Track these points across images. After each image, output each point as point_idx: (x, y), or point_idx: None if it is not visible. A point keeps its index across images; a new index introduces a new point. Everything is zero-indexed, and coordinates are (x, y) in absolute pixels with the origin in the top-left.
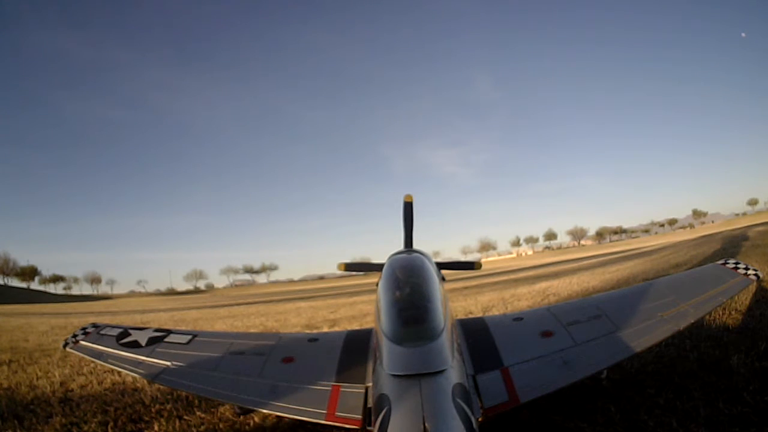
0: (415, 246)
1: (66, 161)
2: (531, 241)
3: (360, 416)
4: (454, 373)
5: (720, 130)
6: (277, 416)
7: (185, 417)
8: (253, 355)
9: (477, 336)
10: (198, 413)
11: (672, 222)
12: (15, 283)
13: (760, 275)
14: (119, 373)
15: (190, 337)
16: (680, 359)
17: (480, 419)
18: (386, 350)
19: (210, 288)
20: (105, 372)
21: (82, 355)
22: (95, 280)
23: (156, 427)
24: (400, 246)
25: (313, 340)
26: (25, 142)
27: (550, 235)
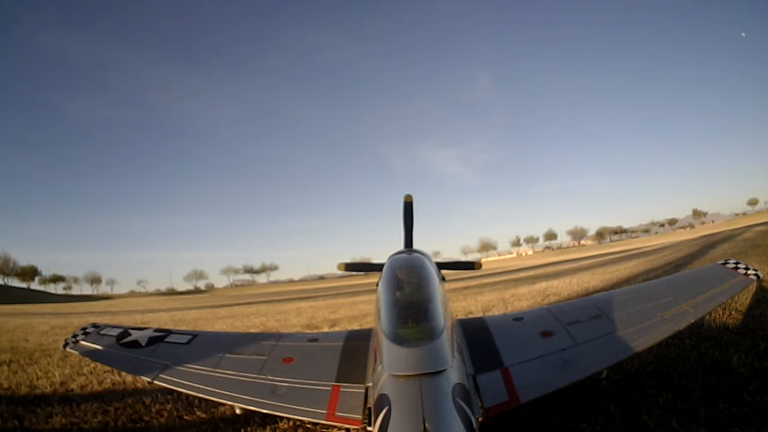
0: (415, 246)
1: (66, 161)
2: (531, 241)
3: (360, 416)
4: (454, 373)
5: (720, 130)
6: (277, 416)
7: (185, 417)
8: (253, 355)
9: (477, 336)
10: (198, 413)
11: (672, 222)
12: (15, 283)
13: (760, 275)
14: (119, 373)
15: (190, 337)
16: (680, 359)
17: (480, 419)
18: (386, 350)
19: (210, 288)
20: (105, 372)
21: (82, 355)
22: (95, 280)
23: (156, 427)
24: (400, 246)
25: (313, 340)
26: (25, 142)
27: (550, 235)
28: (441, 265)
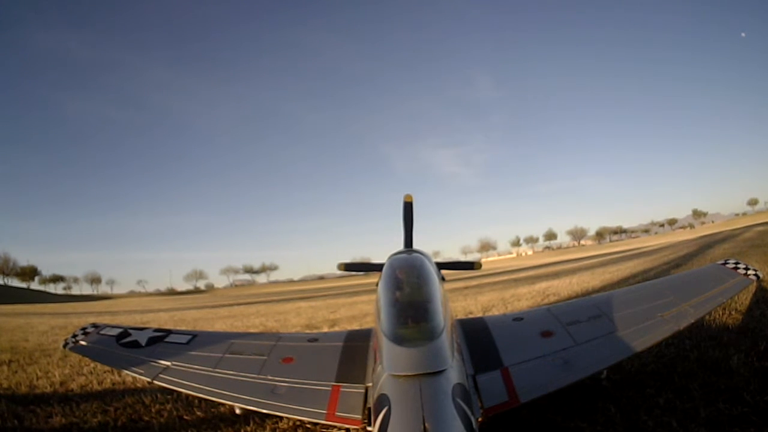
0: (415, 246)
1: (66, 161)
2: (531, 241)
3: (360, 416)
4: (454, 373)
5: (720, 130)
6: (277, 416)
7: (185, 417)
8: (253, 355)
9: (477, 336)
10: (198, 413)
11: (672, 222)
12: (15, 283)
13: (760, 275)
14: (119, 373)
15: (190, 337)
16: (680, 359)
17: (480, 419)
18: (386, 350)
19: (210, 288)
20: (105, 372)
21: (82, 355)
22: (95, 280)
23: (156, 427)
24: (400, 246)
25: (313, 340)
26: (25, 142)
27: (550, 235)
28: (441, 265)
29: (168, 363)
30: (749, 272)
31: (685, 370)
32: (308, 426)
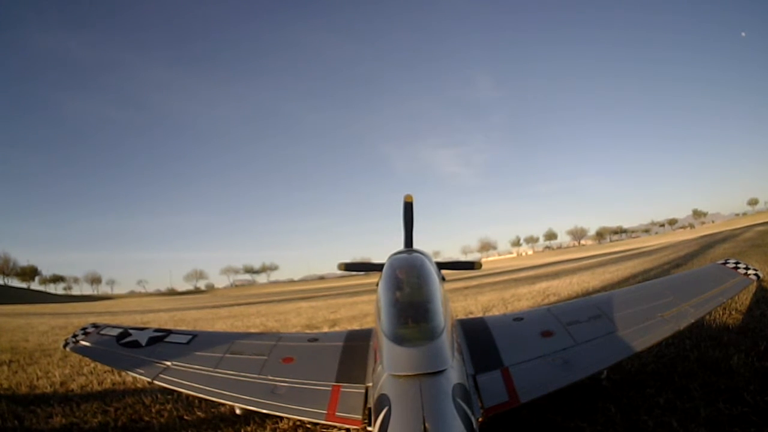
0: (415, 246)
1: (66, 161)
2: (531, 241)
3: (360, 416)
4: (454, 373)
5: (720, 130)
6: (277, 416)
7: (185, 417)
8: (253, 355)
9: (477, 336)
10: (198, 413)
11: (672, 222)
12: (15, 283)
13: (760, 275)
14: (119, 373)
15: (190, 337)
16: (680, 359)
17: (480, 419)
18: (386, 350)
19: (210, 288)
20: (105, 372)
21: (82, 355)
22: (95, 280)
23: (156, 427)
24: (401, 246)
25: (314, 340)
26: (25, 142)
27: (550, 235)
28: (441, 265)
29: (168, 363)
30: (749, 272)
31: (685, 370)
32: (308, 426)
